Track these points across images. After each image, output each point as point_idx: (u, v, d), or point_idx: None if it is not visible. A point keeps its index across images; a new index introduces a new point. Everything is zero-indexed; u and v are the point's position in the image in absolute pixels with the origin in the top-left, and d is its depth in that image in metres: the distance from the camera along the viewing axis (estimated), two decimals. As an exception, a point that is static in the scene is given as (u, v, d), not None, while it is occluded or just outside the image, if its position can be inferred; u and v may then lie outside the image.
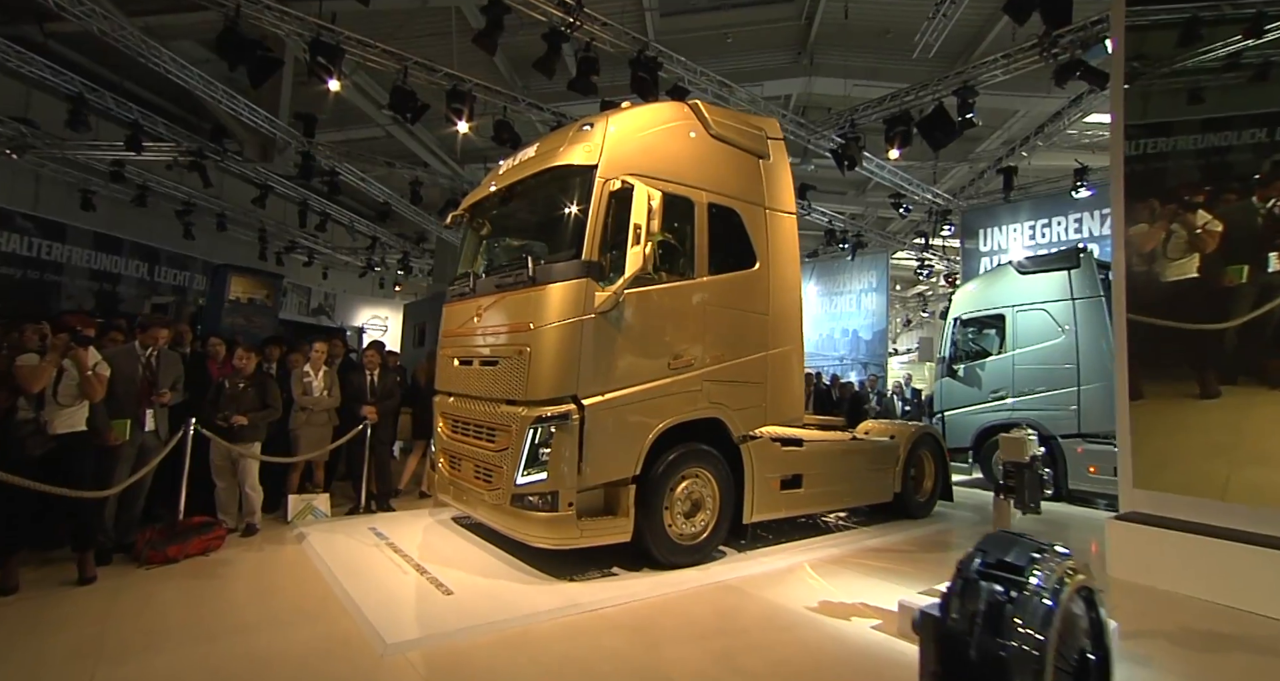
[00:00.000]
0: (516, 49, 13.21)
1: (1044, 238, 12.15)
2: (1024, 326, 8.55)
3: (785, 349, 5.32)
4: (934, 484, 6.88)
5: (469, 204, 5.57)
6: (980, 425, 8.76)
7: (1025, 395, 8.40)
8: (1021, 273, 8.83)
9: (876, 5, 11.81)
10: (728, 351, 4.92)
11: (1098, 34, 6.98)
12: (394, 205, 15.23)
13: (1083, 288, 8.06)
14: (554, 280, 4.23)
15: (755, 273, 5.17)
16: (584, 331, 4.19)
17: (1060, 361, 8.09)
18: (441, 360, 5.46)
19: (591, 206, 4.27)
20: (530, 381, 4.21)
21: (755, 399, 5.10)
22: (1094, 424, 7.68)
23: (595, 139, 4.44)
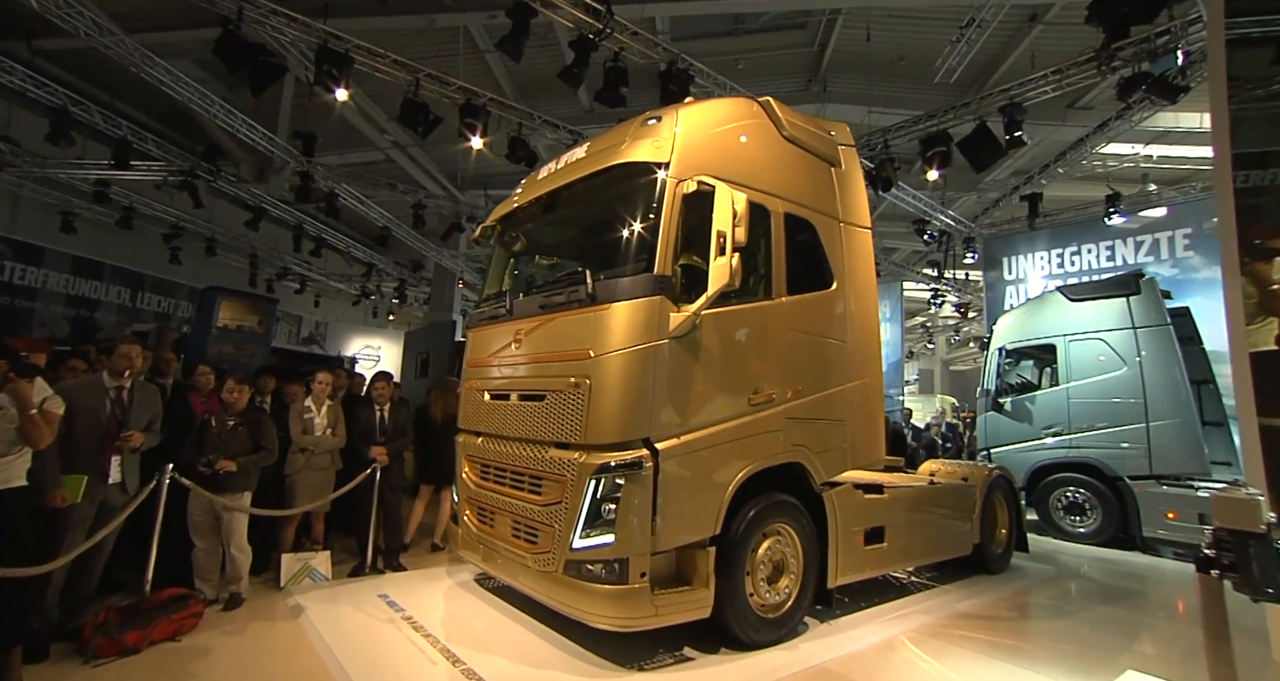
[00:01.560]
0: (523, 73, 12.82)
1: (1074, 266, 11.70)
2: (1079, 357, 7.93)
3: (865, 381, 4.60)
4: (1009, 532, 6.10)
5: (500, 215, 4.85)
6: (1034, 463, 8.04)
7: (1084, 431, 7.72)
8: (1072, 299, 8.25)
9: (892, 32, 11.55)
10: (808, 384, 4.19)
11: (1166, 45, 6.55)
12: (394, 230, 14.50)
13: (1146, 315, 7.47)
14: (620, 298, 3.49)
15: (833, 294, 4.49)
16: (658, 360, 3.43)
17: (1124, 395, 7.44)
18: (468, 393, 4.65)
19: (663, 211, 3.56)
20: (590, 421, 3.43)
21: (836, 439, 4.36)
22: (1169, 464, 6.99)
23: (664, 134, 3.76)
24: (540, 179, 4.59)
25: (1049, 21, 11.74)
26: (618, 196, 3.89)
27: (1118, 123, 11.10)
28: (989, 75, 12.43)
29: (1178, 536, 6.76)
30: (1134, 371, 7.41)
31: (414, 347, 10.18)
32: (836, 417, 4.37)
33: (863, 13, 11.01)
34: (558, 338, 3.79)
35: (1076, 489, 7.67)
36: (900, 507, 4.85)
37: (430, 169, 15.68)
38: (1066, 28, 11.99)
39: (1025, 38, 11.73)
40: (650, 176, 3.66)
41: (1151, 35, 6.65)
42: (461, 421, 4.73)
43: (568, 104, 12.80)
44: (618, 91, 7.29)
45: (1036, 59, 11.53)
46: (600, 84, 7.27)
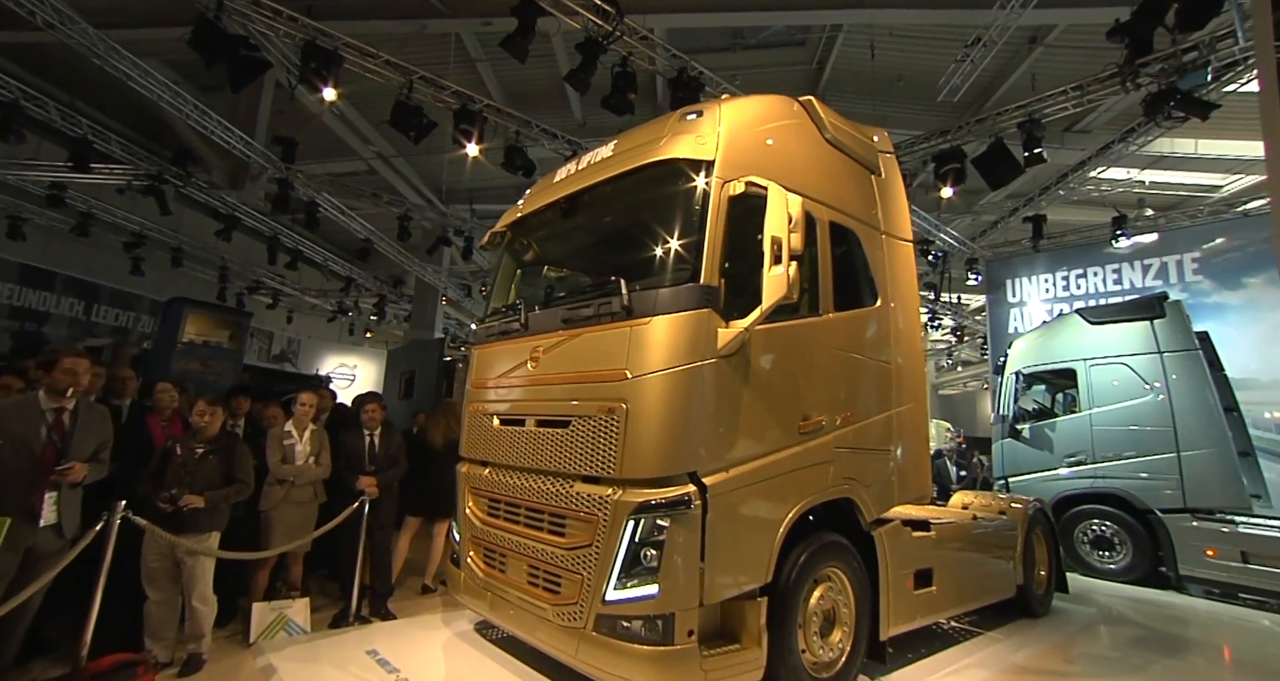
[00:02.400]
0: (515, 84, 12.58)
1: (1079, 289, 11.65)
2: (1101, 382, 7.74)
3: (911, 406, 4.27)
4: (1048, 572, 5.77)
5: (511, 221, 4.46)
6: (1056, 494, 7.77)
7: (1110, 461, 7.49)
8: (1092, 322, 8.09)
9: (893, 51, 11.57)
10: (856, 410, 3.85)
11: (1195, 61, 6.50)
12: (377, 244, 13.99)
13: (1172, 340, 7.32)
14: (661, 311, 3.11)
15: (879, 311, 4.17)
16: (705, 382, 3.05)
17: (1152, 422, 7.23)
18: (472, 418, 4.20)
19: (708, 214, 3.21)
20: (627, 452, 3.02)
21: (885, 471, 4.01)
22: (1205, 496, 6.76)
23: (706, 130, 3.43)
24: (558, 181, 4.22)
25: (1049, 44, 11.88)
26: (654, 198, 3.54)
27: (1120, 145, 11.19)
28: (988, 96, 12.52)
29: (1217, 575, 6.48)
30: (1162, 398, 7.22)
31: (397, 366, 9.64)
32: (884, 447, 4.03)
33: (864, 30, 11.01)
34: (585, 356, 3.39)
35: (1103, 521, 7.41)
36: (947, 547, 4.49)
37: (414, 181, 15.27)
38: (1066, 50, 12.16)
39: (1025, 60, 11.84)
40: (692, 176, 3.33)
41: (1178, 51, 6.61)
42: (464, 449, 4.27)
43: (560, 116, 12.57)
44: (626, 97, 7.02)
45: (1037, 81, 11.64)
46: (595, 95, 7.01)
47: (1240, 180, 15.93)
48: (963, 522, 4.79)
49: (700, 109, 3.58)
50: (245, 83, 6.82)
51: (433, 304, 15.54)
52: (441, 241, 13.39)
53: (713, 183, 3.27)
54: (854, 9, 10.63)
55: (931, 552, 4.30)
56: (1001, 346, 12.34)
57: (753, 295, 3.13)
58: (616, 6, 6.68)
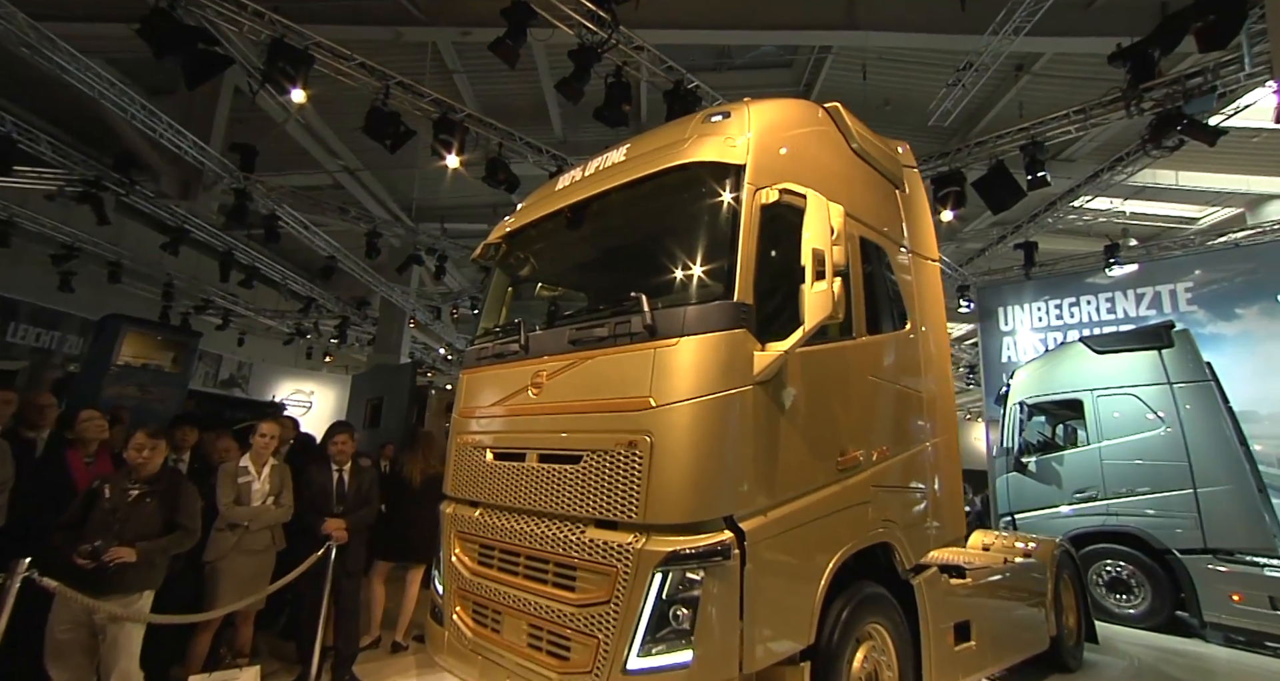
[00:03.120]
0: (493, 98, 12.42)
1: (1073, 317, 11.80)
2: (1109, 414, 7.69)
3: (944, 439, 4.07)
4: (1077, 619, 5.55)
5: (507, 232, 4.17)
6: (1067, 532, 7.61)
7: (1122, 497, 7.39)
8: (1097, 351, 8.09)
9: (882, 75, 11.80)
10: (892, 443, 3.61)
11: (1200, 87, 6.63)
12: (341, 262, 13.48)
13: (1182, 370, 7.33)
14: (690, 331, 2.83)
15: (908, 335, 3.98)
16: (741, 411, 2.77)
17: (1166, 457, 7.17)
18: (460, 452, 3.83)
19: (741, 224, 2.98)
20: (653, 492, 2.70)
21: (921, 511, 3.77)
22: (1226, 536, 6.65)
23: (735, 131, 3.22)
24: (561, 189, 3.96)
25: (1036, 72, 12.24)
26: (677, 206, 3.30)
27: (1109, 174, 11.49)
28: (975, 123, 12.82)
29: (1244, 622, 6.33)
30: (1174, 431, 7.18)
31: (363, 393, 9.11)
32: (920, 484, 3.80)
33: (854, 53, 11.18)
34: (599, 382, 3.08)
35: (1118, 562, 7.27)
36: (983, 595, 4.24)
37: (383, 197, 14.89)
38: (1053, 79, 12.54)
39: (1011, 88, 12.17)
40: (722, 181, 3.09)
41: (1183, 76, 6.75)
42: (450, 486, 3.88)
43: (540, 134, 12.44)
44: (619, 109, 6.85)
45: (1024, 109, 11.96)
46: (576, 113, 6.84)
47: (1217, 213, 16.60)
48: (996, 567, 4.55)
49: (727, 110, 3.37)
50: (202, 80, 6.43)
51: (399, 327, 15.02)
52: (412, 260, 12.97)
53: (744, 189, 3.04)
54: (847, 31, 10.80)
55: (969, 602, 4.04)
56: (994, 376, 12.39)
57: (787, 315, 2.90)
58: (612, 13, 6.56)
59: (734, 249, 2.94)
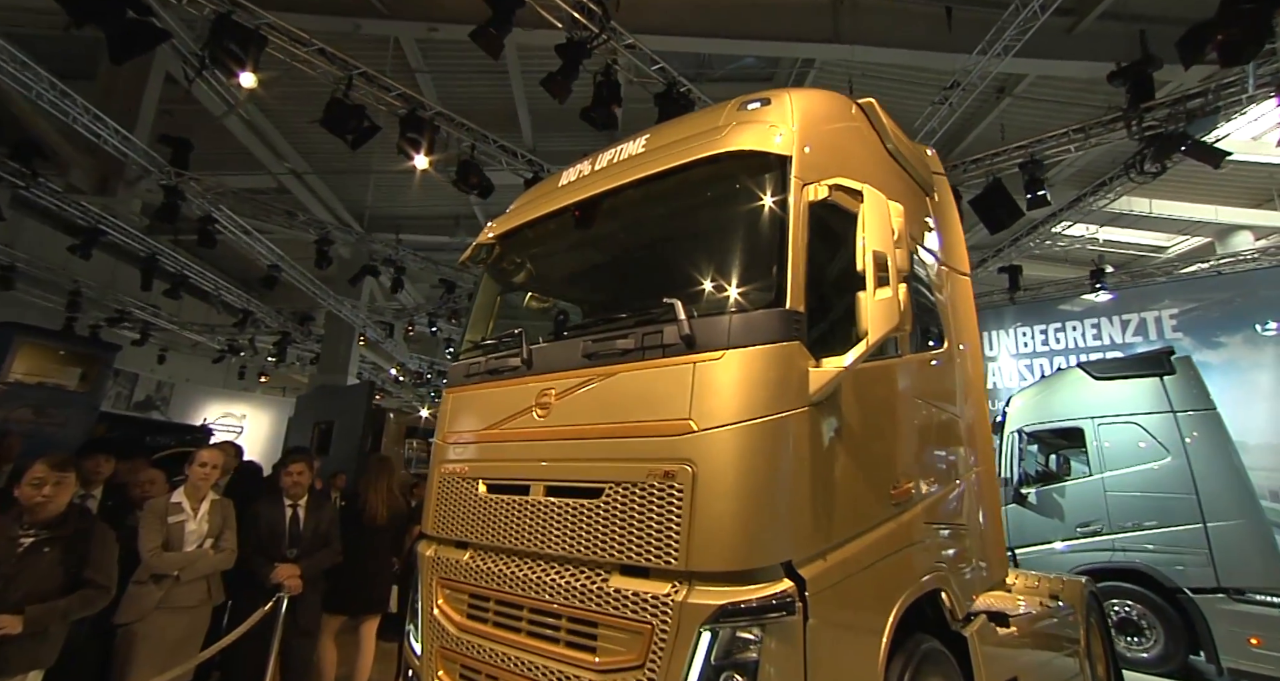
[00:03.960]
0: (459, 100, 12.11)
1: (1059, 344, 12.04)
2: (1111, 443, 7.72)
3: (985, 468, 3.89)
4: (1106, 667, 5.39)
5: (502, 231, 3.83)
6: (1071, 568, 7.54)
7: (1128, 531, 7.37)
8: (1097, 377, 8.15)
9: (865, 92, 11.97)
10: (939, 474, 3.39)
11: (1201, 108, 6.82)
12: (286, 272, 12.79)
13: (1186, 398, 7.41)
14: (737, 343, 2.55)
15: (948, 353, 3.80)
16: (799, 436, 2.49)
17: (1173, 489, 7.19)
18: (444, 483, 3.43)
19: (790, 221, 2.73)
20: (697, 533, 2.38)
21: (968, 551, 3.54)
22: (1239, 574, 6.63)
23: (776, 119, 2.98)
24: (566, 186, 3.66)
25: (1017, 95, 12.66)
26: (712, 201, 3.05)
27: (1092, 198, 11.88)
28: (956, 144, 13.16)
29: (1265, 668, 6.26)
30: (1180, 462, 7.22)
31: (309, 416, 8.47)
32: (966, 519, 3.57)
33: (837, 68, 11.34)
34: (624, 401, 2.75)
35: (1125, 601, 7.21)
36: (1027, 646, 4.01)
37: (332, 203, 14.32)
38: (1034, 103, 13.00)
39: (993, 110, 12.56)
40: (767, 173, 2.85)
41: (1184, 97, 6.95)
42: (430, 525, 3.46)
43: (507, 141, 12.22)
44: (609, 110, 6.62)
45: (1006, 131, 12.32)
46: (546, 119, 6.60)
47: (1185, 242, 17.45)
48: (1038, 613, 4.34)
49: (766, 97, 3.14)
50: (129, 54, 5.85)
51: (347, 344, 14.33)
52: (367, 272, 12.39)
53: (791, 183, 2.80)
54: (832, 44, 10.94)
55: (1016, 655, 3.81)
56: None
57: (836, 326, 2.68)
58: (603, 6, 6.37)
59: (783, 250, 2.69)
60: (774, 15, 10.57)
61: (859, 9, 10.95)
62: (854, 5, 10.90)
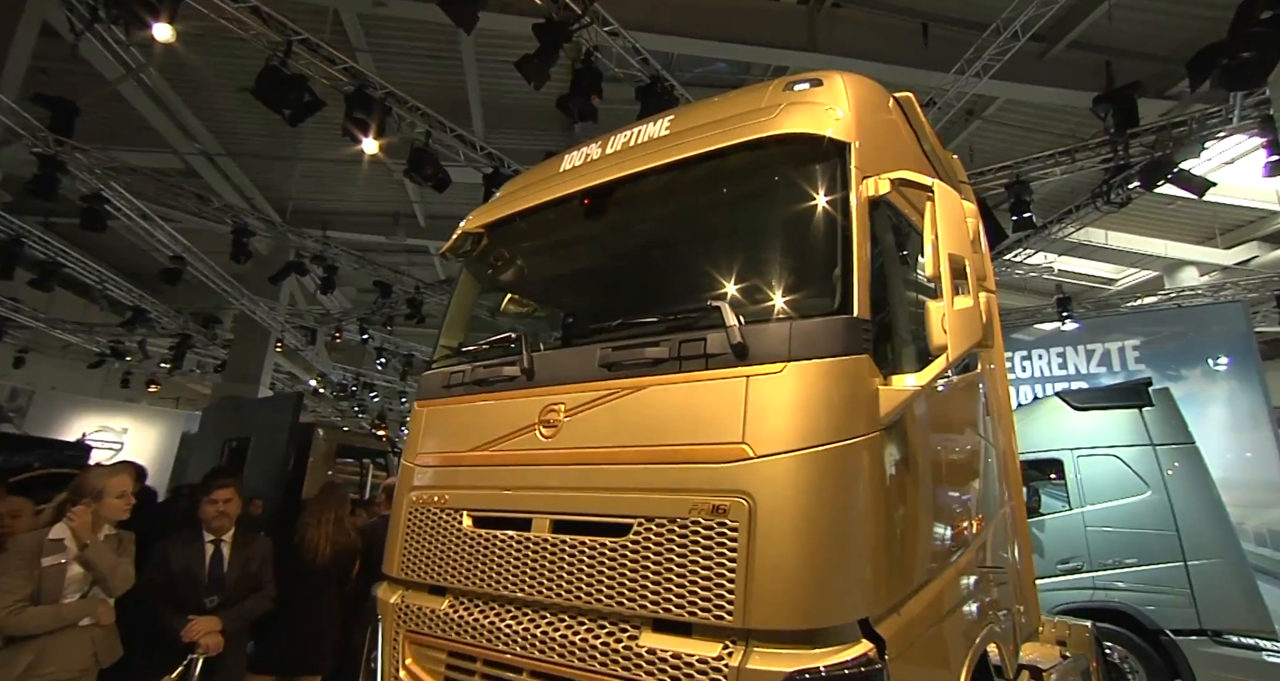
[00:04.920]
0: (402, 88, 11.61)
1: (1024, 372, 12.42)
2: (1091, 476, 7.87)
3: (1017, 501, 3.79)
4: (1106, 716, 5.35)
5: (492, 220, 3.48)
6: (1051, 608, 7.60)
7: (1109, 568, 7.49)
8: (1076, 407, 8.35)
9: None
10: (984, 508, 3.23)
11: (1184, 136, 7.15)
12: (192, 265, 11.80)
13: (1165, 431, 7.64)
14: (798, 354, 2.29)
15: (980, 375, 3.67)
16: (871, 466, 2.25)
17: (1153, 525, 7.36)
18: (415, 514, 3.02)
19: (853, 217, 2.52)
20: (756, 582, 2.09)
21: (1010, 597, 3.39)
22: (1221, 616, 6.79)
23: (831, 102, 2.78)
24: (569, 171, 3.35)
25: (986, 118, 13.20)
26: (759, 190, 2.82)
27: (1058, 226, 12.43)
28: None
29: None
30: (1160, 496, 7.41)
31: (216, 431, 7.66)
32: (1006, 560, 3.41)
33: (810, 77, 11.51)
34: (656, 420, 2.45)
35: (1107, 643, 7.29)
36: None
37: (250, 192, 13.41)
38: (1001, 127, 13.58)
39: (962, 132, 13.04)
40: (825, 161, 2.63)
41: (1169, 124, 7.28)
42: (395, 565, 3.03)
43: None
44: (588, 100, 6.34)
45: (975, 154, 12.79)
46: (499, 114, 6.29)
47: (1135, 275, 18.60)
48: (1066, 665, 4.22)
49: (816, 77, 2.93)
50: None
51: (261, 351, 13.35)
52: (292, 269, 11.56)
53: (851, 174, 2.58)
54: (807, 52, 11.09)
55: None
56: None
57: (893, 338, 2.56)
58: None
59: (847, 249, 2.46)
60: (751, 19, 10.64)
61: (836, 19, 11.18)
62: (831, 15, 11.12)
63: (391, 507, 3.39)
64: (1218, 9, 9.71)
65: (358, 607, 3.76)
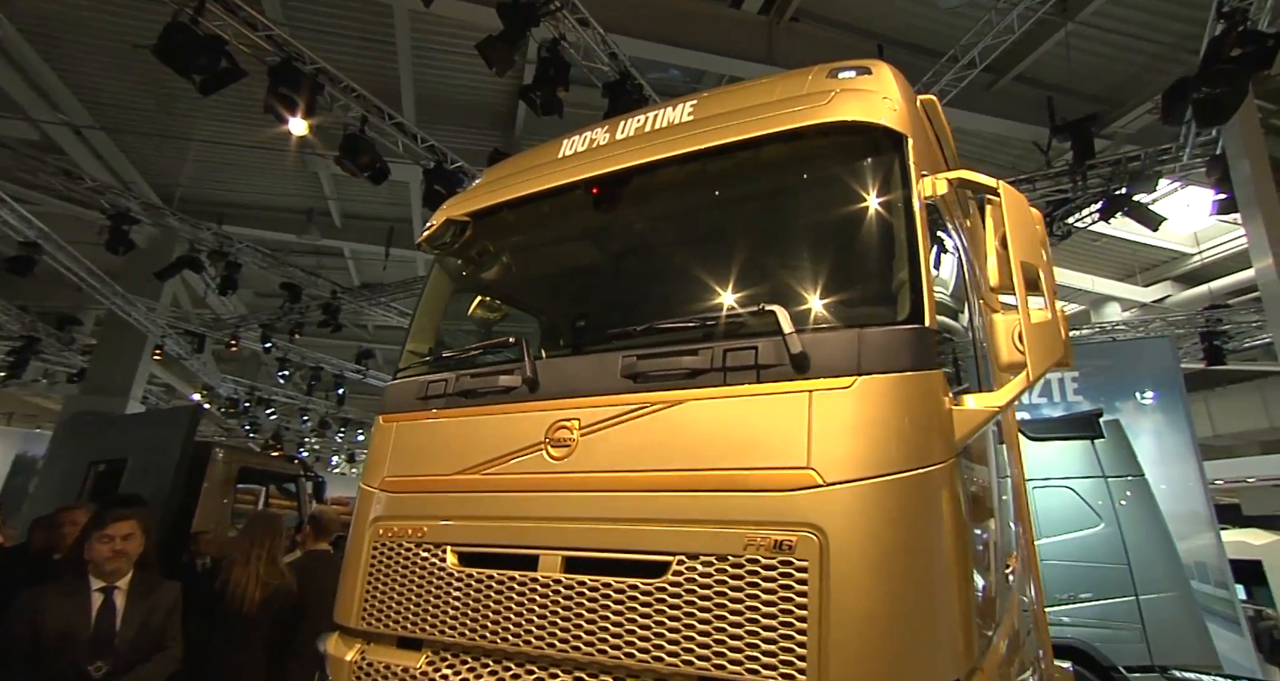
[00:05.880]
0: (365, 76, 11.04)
1: (968, 402, 12.82)
2: (1047, 507, 8.12)
3: (1030, 535, 3.75)
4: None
5: (479, 208, 3.17)
6: (1006, 644, 7.77)
7: (1064, 604, 7.72)
8: (1030, 438, 8.63)
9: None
10: (1019, 542, 3.17)
11: (1140, 170, 7.61)
12: (51, 254, 10.60)
13: (1116, 463, 8.02)
14: (869, 368, 2.13)
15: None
16: (951, 496, 2.12)
17: (1107, 558, 7.66)
18: (381, 547, 2.67)
19: (918, 219, 2.41)
20: (834, 636, 1.89)
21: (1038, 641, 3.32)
22: (1170, 651, 7.08)
23: (882, 89, 2.68)
24: (571, 157, 3.12)
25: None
26: (806, 184, 2.68)
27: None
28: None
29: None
30: (1112, 529, 7.73)
31: (78, 451, 6.75)
32: (1029, 599, 3.36)
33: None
34: (697, 440, 2.24)
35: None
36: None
37: (127, 174, 12.28)
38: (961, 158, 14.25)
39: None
40: (883, 154, 2.54)
41: (1124, 157, 7.75)
42: (352, 613, 2.64)
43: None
44: (554, 92, 6.10)
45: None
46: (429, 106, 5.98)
47: (1063, 307, 19.95)
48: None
49: (864, 65, 2.82)
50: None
51: (132, 359, 12.12)
52: (186, 264, 10.55)
53: (911, 170, 2.48)
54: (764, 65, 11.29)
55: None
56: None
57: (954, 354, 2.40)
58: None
59: (913, 251, 2.34)
60: (710, 27, 10.74)
61: (794, 33, 11.44)
62: (790, 29, 11.38)
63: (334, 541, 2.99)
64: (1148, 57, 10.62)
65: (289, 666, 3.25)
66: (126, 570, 2.91)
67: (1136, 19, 9.95)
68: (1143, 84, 11.26)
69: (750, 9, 10.81)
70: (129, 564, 2.91)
